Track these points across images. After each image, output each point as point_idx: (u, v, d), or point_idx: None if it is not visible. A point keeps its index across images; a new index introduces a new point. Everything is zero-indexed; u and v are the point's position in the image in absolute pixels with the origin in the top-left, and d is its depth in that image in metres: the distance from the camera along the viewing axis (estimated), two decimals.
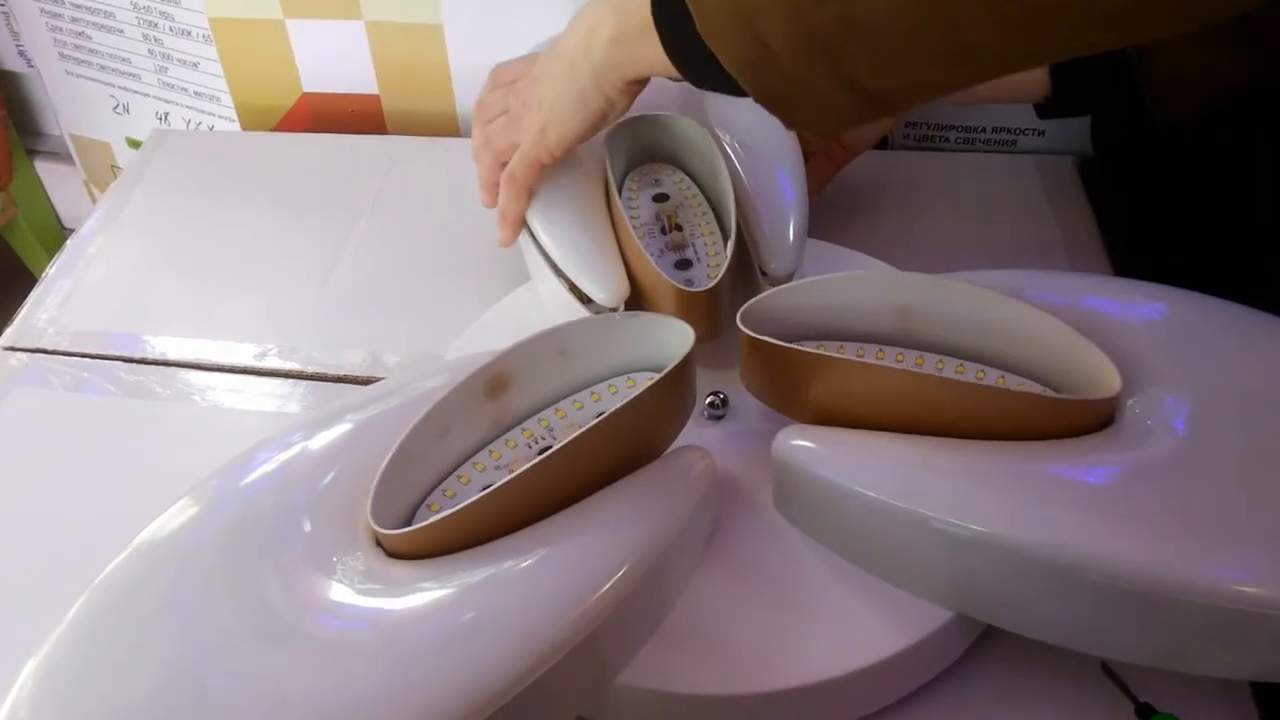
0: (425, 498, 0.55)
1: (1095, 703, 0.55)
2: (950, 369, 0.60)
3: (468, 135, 0.75)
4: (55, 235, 1.33)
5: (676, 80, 0.56)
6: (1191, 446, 0.53)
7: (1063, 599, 0.50)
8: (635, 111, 0.72)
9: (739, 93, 0.52)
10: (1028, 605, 0.52)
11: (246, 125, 1.07)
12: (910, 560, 0.54)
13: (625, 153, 0.74)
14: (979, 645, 0.57)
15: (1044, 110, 0.77)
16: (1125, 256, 0.82)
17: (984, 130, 0.96)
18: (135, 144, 1.17)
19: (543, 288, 0.71)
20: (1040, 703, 0.55)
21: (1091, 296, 0.61)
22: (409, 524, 0.54)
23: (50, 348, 0.80)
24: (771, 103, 0.51)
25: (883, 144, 0.97)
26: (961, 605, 0.54)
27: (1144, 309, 0.61)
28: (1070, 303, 0.59)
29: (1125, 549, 0.49)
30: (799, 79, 0.49)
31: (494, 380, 0.56)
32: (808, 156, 0.75)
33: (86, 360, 0.78)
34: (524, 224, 0.70)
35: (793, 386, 0.58)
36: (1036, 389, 0.58)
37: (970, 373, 0.59)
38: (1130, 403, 0.55)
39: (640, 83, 0.61)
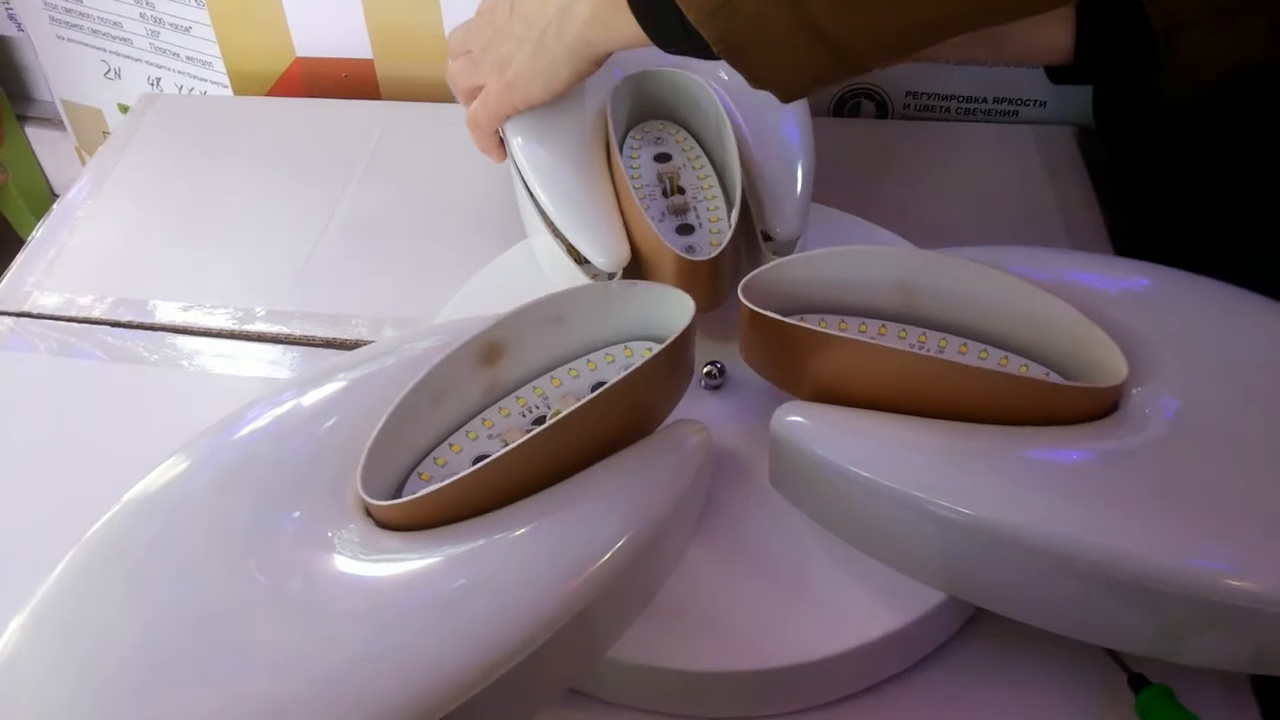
0: (416, 465, 0.54)
1: (1089, 675, 0.54)
2: (953, 348, 0.59)
3: None
4: (46, 201, 1.31)
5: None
6: (1191, 438, 0.52)
7: (1053, 587, 0.50)
8: (640, 67, 0.71)
9: (707, 54, 0.52)
10: (1018, 591, 0.51)
11: (239, 91, 1.06)
12: (903, 542, 0.53)
13: (627, 109, 0.72)
14: (972, 618, 0.57)
15: (1058, 75, 0.75)
16: (1123, 229, 0.81)
17: (985, 100, 0.95)
18: (127, 110, 1.16)
19: (538, 244, 0.70)
20: (1034, 677, 0.55)
21: (1095, 277, 0.60)
22: (399, 491, 0.53)
23: (36, 311, 0.79)
24: (734, 54, 0.51)
25: (883, 113, 0.96)
26: (952, 588, 0.53)
27: (1149, 292, 0.60)
28: (1074, 284, 0.58)
29: (1117, 539, 0.48)
30: (760, 24, 0.48)
31: (489, 347, 0.55)
32: None
33: (73, 324, 0.77)
34: (516, 172, 0.69)
35: (793, 362, 0.57)
36: (1039, 372, 0.57)
37: (973, 353, 0.58)
38: (1135, 391, 0.54)
39: (609, 54, 0.62)
